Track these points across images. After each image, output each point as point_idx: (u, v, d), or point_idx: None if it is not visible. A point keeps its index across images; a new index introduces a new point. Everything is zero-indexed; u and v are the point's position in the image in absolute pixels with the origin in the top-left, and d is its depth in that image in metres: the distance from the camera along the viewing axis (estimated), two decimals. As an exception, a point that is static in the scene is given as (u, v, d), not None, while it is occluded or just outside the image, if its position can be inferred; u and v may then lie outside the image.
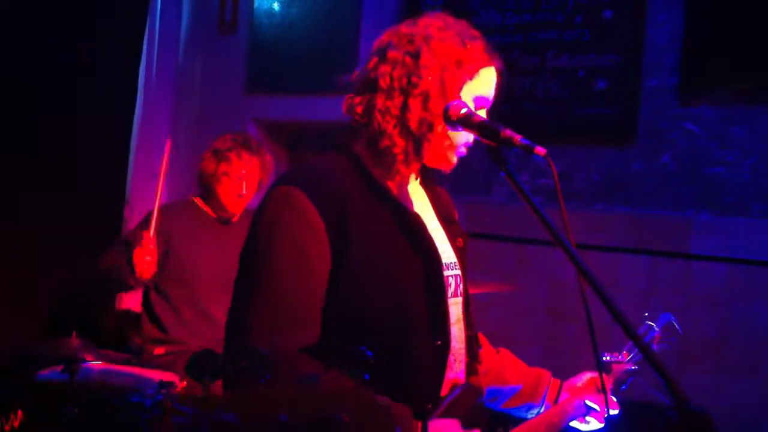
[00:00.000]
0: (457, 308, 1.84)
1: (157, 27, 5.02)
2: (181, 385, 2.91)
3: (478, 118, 1.68)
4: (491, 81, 1.78)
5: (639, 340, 1.48)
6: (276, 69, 4.80)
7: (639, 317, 2.15)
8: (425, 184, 1.91)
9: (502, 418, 2.08)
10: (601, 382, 1.76)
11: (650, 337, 2.14)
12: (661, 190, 3.65)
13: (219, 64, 5.05)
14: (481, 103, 1.77)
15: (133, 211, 4.74)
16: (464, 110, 1.68)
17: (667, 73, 3.64)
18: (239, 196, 3.45)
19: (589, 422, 2.09)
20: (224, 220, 3.54)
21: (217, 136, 3.55)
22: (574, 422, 2.07)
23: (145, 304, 3.48)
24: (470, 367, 1.88)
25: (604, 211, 3.76)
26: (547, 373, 2.11)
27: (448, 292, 1.79)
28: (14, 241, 3.81)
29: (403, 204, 1.79)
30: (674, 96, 3.63)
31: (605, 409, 2.04)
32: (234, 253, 1.82)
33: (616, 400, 2.08)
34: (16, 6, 3.88)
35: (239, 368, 1.66)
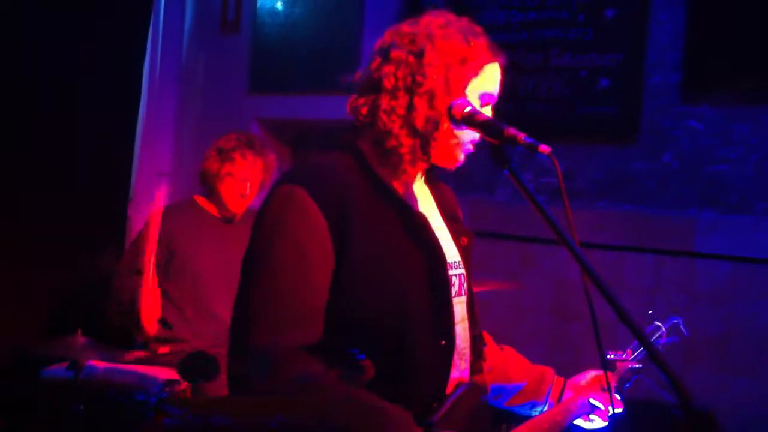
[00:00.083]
0: (461, 307, 1.83)
1: (161, 26, 5.02)
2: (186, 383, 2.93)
3: (481, 117, 1.67)
4: (496, 77, 1.77)
5: (643, 339, 1.48)
6: (279, 68, 4.80)
7: (643, 316, 2.15)
8: (430, 183, 1.90)
9: (506, 416, 2.08)
10: (605, 381, 1.76)
11: (656, 336, 2.15)
12: (665, 188, 3.64)
13: (222, 64, 5.05)
14: (487, 100, 1.76)
15: (138, 209, 4.75)
16: (468, 109, 1.67)
17: (670, 71, 3.64)
18: (242, 197, 3.45)
19: (593, 420, 2.09)
20: (227, 219, 3.54)
21: (221, 136, 3.55)
22: (578, 420, 2.07)
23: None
24: (474, 366, 1.87)
25: (607, 210, 3.76)
26: (551, 371, 2.11)
27: (453, 291, 1.79)
28: (14, 241, 3.81)
29: (408, 203, 1.78)
30: (677, 94, 3.62)
31: (609, 408, 2.04)
32: (236, 252, 1.81)
33: (620, 398, 2.08)
34: (16, 6, 3.88)
35: (241, 368, 1.66)
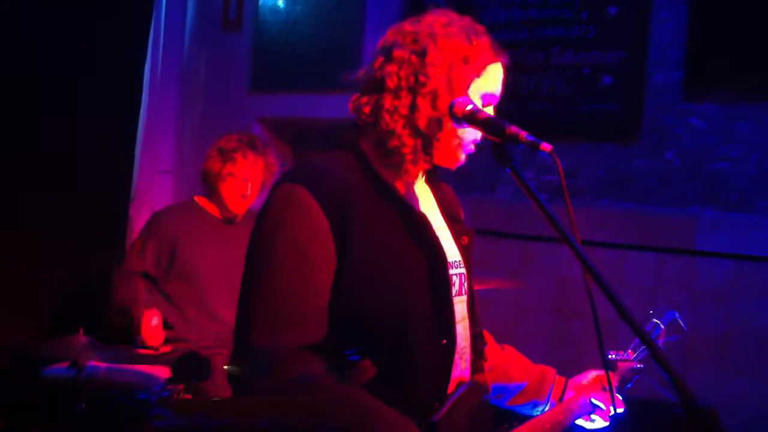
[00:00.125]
0: (462, 306, 1.83)
1: (162, 25, 5.02)
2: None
3: (483, 115, 1.67)
4: (498, 77, 1.77)
5: (645, 337, 1.47)
6: (280, 67, 4.80)
7: (644, 314, 2.14)
8: (431, 182, 1.90)
9: (507, 416, 2.08)
10: (607, 380, 1.75)
11: (656, 334, 2.14)
12: (666, 186, 3.64)
13: (223, 62, 5.05)
14: (489, 100, 1.76)
15: (140, 208, 4.75)
16: (469, 107, 1.67)
17: (672, 69, 3.64)
18: (243, 197, 3.45)
19: (595, 420, 2.08)
20: (228, 220, 3.54)
21: (222, 136, 3.54)
22: (580, 420, 2.07)
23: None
24: (475, 365, 1.87)
25: (609, 208, 3.75)
26: (552, 371, 2.11)
27: (453, 291, 1.79)
28: (14, 241, 3.81)
29: (410, 203, 1.77)
30: (678, 92, 3.62)
31: (611, 407, 2.04)
32: (238, 252, 1.81)
33: (621, 398, 2.08)
34: (16, 6, 3.88)
35: (242, 368, 1.66)
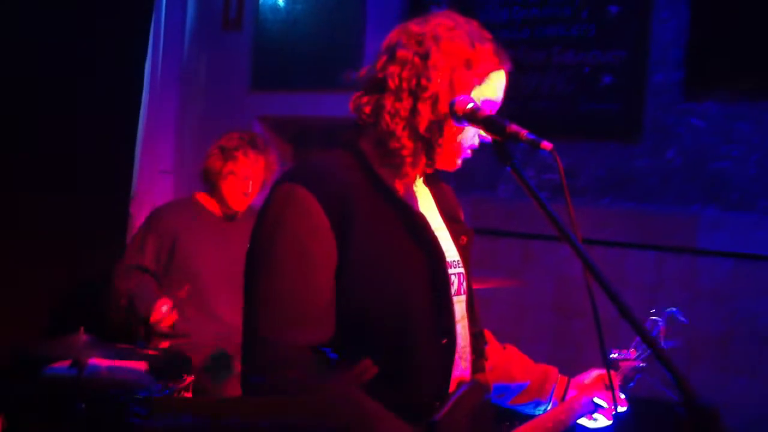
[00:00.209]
0: (461, 306, 1.83)
1: (162, 24, 5.02)
2: (189, 379, 2.93)
3: (483, 113, 1.67)
4: (500, 85, 1.76)
5: (646, 336, 1.47)
6: (281, 66, 4.80)
7: (645, 313, 2.14)
8: (430, 183, 1.90)
9: (509, 415, 2.08)
10: (608, 379, 1.75)
11: (656, 332, 2.14)
12: (667, 185, 3.64)
13: (224, 61, 5.05)
14: (489, 107, 1.75)
15: (140, 207, 4.75)
16: (470, 105, 1.67)
17: (672, 68, 3.64)
18: (245, 195, 3.46)
19: (597, 419, 2.08)
20: (228, 217, 3.55)
21: (223, 134, 3.55)
22: (582, 419, 2.07)
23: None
24: (476, 365, 1.87)
25: (610, 207, 3.75)
26: (554, 370, 2.11)
27: (452, 290, 1.79)
28: (14, 241, 3.81)
29: (408, 203, 1.77)
30: (679, 91, 3.62)
31: (613, 406, 2.04)
32: (238, 249, 1.81)
33: (623, 397, 2.08)
34: (16, 6, 3.88)
35: (243, 367, 1.67)
